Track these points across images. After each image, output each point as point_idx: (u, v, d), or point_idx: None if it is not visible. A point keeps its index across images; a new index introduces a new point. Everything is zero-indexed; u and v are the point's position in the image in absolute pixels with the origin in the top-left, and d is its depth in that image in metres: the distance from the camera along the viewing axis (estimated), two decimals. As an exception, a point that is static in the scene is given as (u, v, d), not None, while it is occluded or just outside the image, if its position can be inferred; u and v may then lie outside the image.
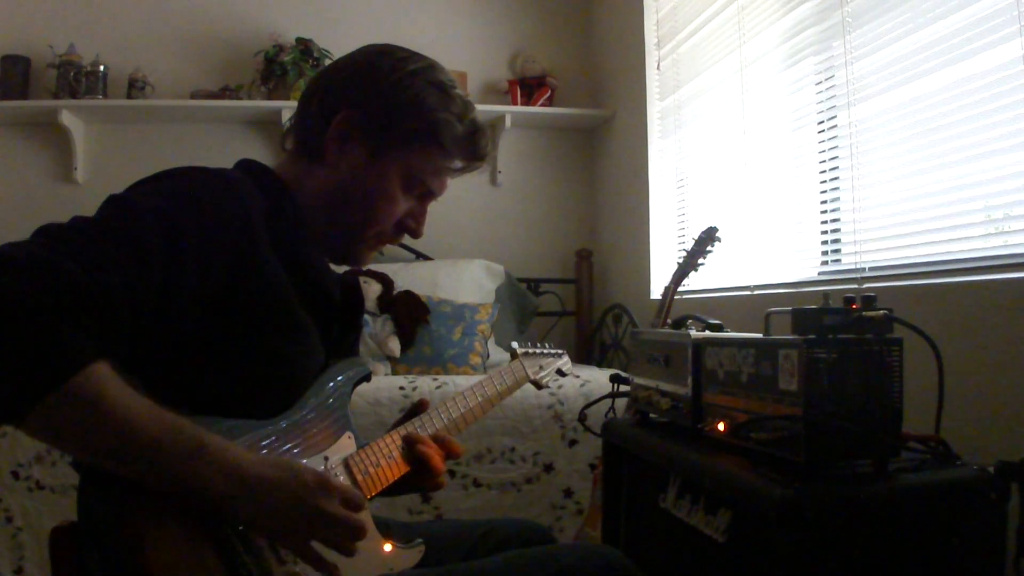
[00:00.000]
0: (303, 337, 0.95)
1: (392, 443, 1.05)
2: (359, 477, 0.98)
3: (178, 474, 0.73)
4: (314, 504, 0.79)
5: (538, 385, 1.39)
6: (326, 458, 0.95)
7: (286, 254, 0.94)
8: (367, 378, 1.08)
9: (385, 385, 2.13)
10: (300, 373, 0.96)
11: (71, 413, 0.68)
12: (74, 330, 0.68)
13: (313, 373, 0.98)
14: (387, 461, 1.03)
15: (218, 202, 0.87)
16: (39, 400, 0.66)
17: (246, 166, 1.02)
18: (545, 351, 1.44)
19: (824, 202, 1.90)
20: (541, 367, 1.41)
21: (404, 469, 1.05)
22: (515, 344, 1.40)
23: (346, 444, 0.99)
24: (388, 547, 1.01)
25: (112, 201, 0.82)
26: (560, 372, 1.47)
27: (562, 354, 1.49)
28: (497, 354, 2.79)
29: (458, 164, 1.04)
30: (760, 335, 0.98)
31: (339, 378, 1.02)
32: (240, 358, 0.87)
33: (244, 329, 0.87)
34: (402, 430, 1.08)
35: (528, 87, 3.39)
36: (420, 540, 1.06)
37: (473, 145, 1.04)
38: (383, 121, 0.98)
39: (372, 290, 2.66)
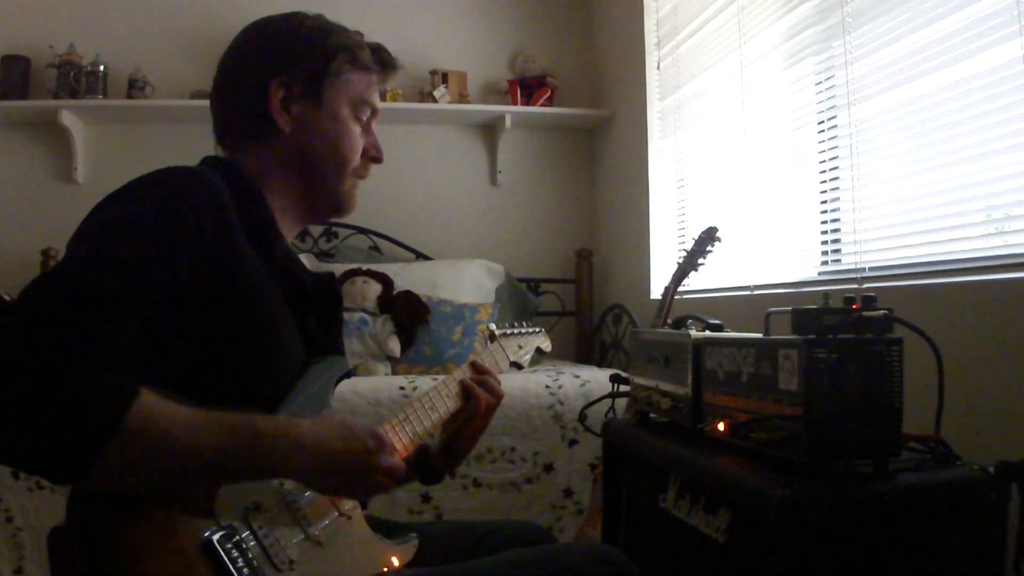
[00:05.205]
0: (283, 331, 0.95)
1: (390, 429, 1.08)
2: None
3: (244, 470, 0.78)
4: (374, 463, 0.87)
5: (519, 366, 1.38)
6: None
7: (259, 245, 0.95)
8: (348, 375, 1.09)
9: (385, 385, 2.13)
10: (282, 369, 0.95)
11: (135, 452, 0.69)
12: (106, 373, 0.68)
13: (293, 368, 0.97)
14: None
15: (198, 200, 0.87)
16: (102, 451, 0.66)
17: (211, 163, 1.03)
18: (523, 330, 1.41)
19: (824, 202, 1.90)
20: (520, 347, 1.39)
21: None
22: (492, 326, 1.38)
23: None
24: (385, 548, 1.01)
25: (92, 230, 0.82)
26: (539, 351, 1.45)
27: (539, 331, 1.45)
28: (497, 354, 2.78)
29: (377, 77, 1.12)
30: (760, 335, 0.98)
31: (322, 377, 1.01)
32: (223, 355, 0.87)
33: (226, 325, 0.87)
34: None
35: (528, 87, 3.39)
36: (413, 535, 1.06)
37: (381, 56, 1.12)
38: (310, 71, 1.04)
39: (372, 290, 2.66)
